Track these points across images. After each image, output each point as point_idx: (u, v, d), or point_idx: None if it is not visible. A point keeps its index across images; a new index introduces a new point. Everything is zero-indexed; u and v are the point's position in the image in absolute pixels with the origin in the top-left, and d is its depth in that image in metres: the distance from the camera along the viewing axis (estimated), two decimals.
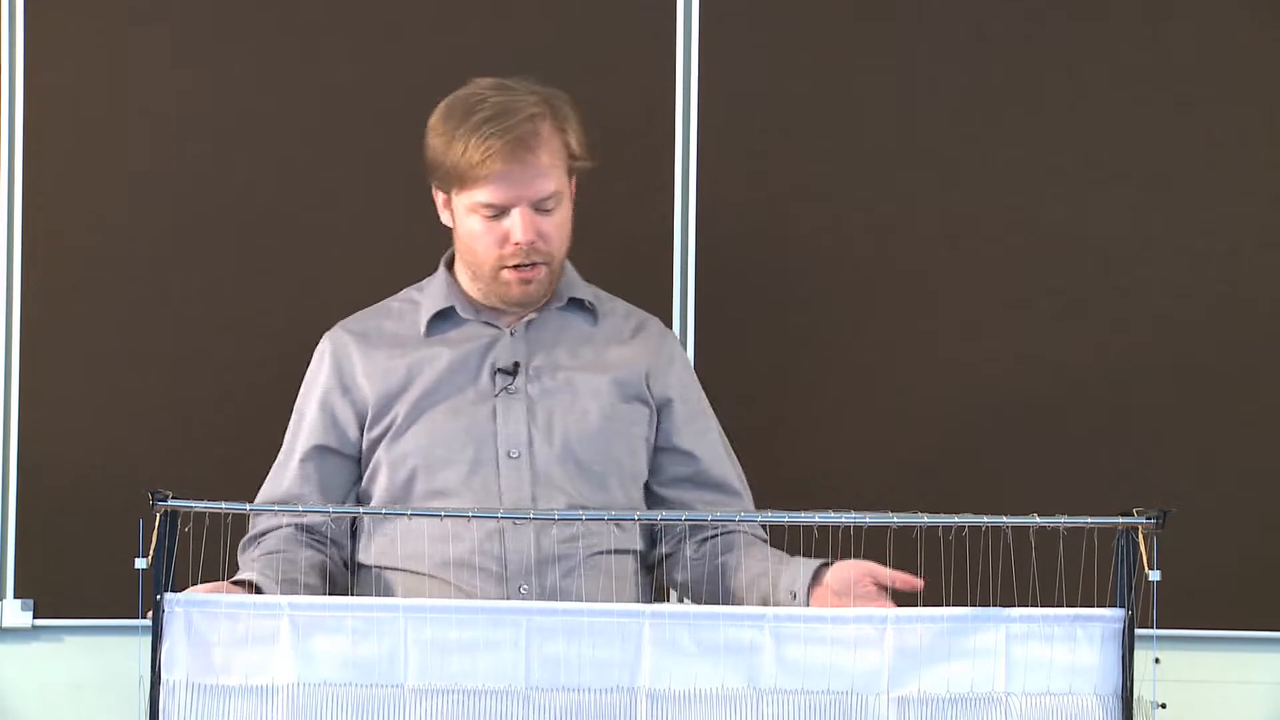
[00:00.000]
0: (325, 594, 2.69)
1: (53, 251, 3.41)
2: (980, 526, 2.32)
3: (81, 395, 3.40)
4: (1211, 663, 3.46)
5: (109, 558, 2.77)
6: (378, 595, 2.75)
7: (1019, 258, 3.46)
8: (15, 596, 3.39)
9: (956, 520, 2.31)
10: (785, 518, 2.36)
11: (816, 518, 2.34)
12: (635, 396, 2.85)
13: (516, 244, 2.74)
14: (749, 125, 3.46)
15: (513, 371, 2.80)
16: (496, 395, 2.79)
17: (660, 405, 2.87)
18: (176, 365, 3.42)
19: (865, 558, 2.46)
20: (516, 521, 2.71)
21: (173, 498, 2.30)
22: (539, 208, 2.73)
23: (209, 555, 2.40)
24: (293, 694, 2.28)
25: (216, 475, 3.33)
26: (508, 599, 2.67)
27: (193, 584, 2.36)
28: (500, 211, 2.73)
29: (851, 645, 2.31)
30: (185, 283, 3.42)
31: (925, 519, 2.31)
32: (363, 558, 2.80)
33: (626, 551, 2.81)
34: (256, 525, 2.80)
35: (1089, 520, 2.32)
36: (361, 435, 2.82)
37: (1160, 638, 2.28)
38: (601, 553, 2.76)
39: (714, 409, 2.93)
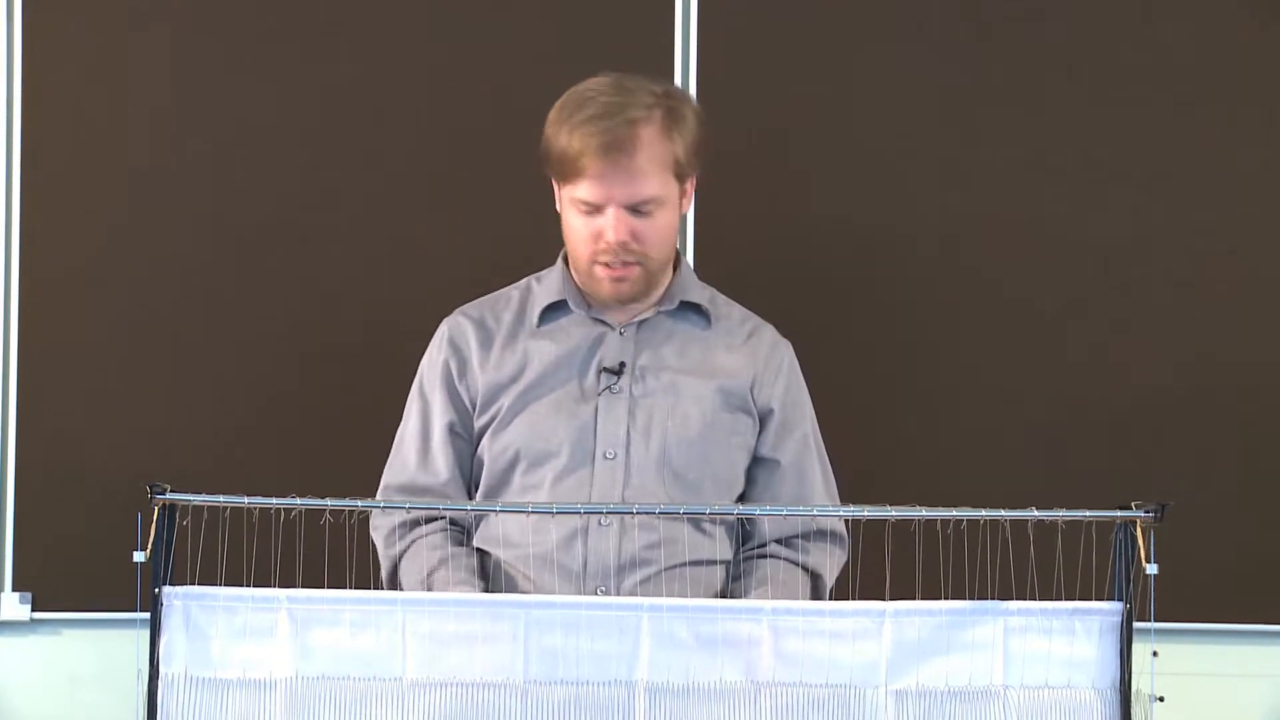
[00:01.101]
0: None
1: (51, 244, 3.41)
2: (978, 520, 2.32)
3: (80, 388, 3.40)
4: (1210, 656, 3.46)
5: (107, 551, 2.76)
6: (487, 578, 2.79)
7: (1019, 256, 3.46)
8: (14, 589, 3.40)
9: (954, 513, 2.31)
10: (784, 511, 2.36)
11: (815, 511, 2.34)
12: (739, 406, 2.84)
13: (609, 243, 2.74)
14: (748, 114, 3.46)
15: (618, 371, 2.80)
16: (600, 394, 2.80)
17: (763, 415, 2.86)
18: (175, 358, 3.42)
19: (863, 551, 2.46)
20: (602, 522, 2.71)
21: (171, 491, 2.30)
22: (635, 209, 2.72)
23: (207, 548, 2.40)
24: (291, 687, 2.28)
25: (215, 469, 3.34)
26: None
27: (191, 578, 2.35)
28: (596, 209, 2.73)
29: (849, 638, 2.31)
30: (184, 276, 3.42)
31: (923, 512, 2.31)
32: (480, 542, 2.82)
33: (713, 563, 2.80)
34: (394, 528, 2.80)
35: (1087, 514, 2.32)
36: (472, 420, 2.84)
37: (1158, 631, 2.28)
38: (686, 563, 2.75)
39: None
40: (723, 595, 2.83)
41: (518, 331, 2.86)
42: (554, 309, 2.87)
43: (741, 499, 2.87)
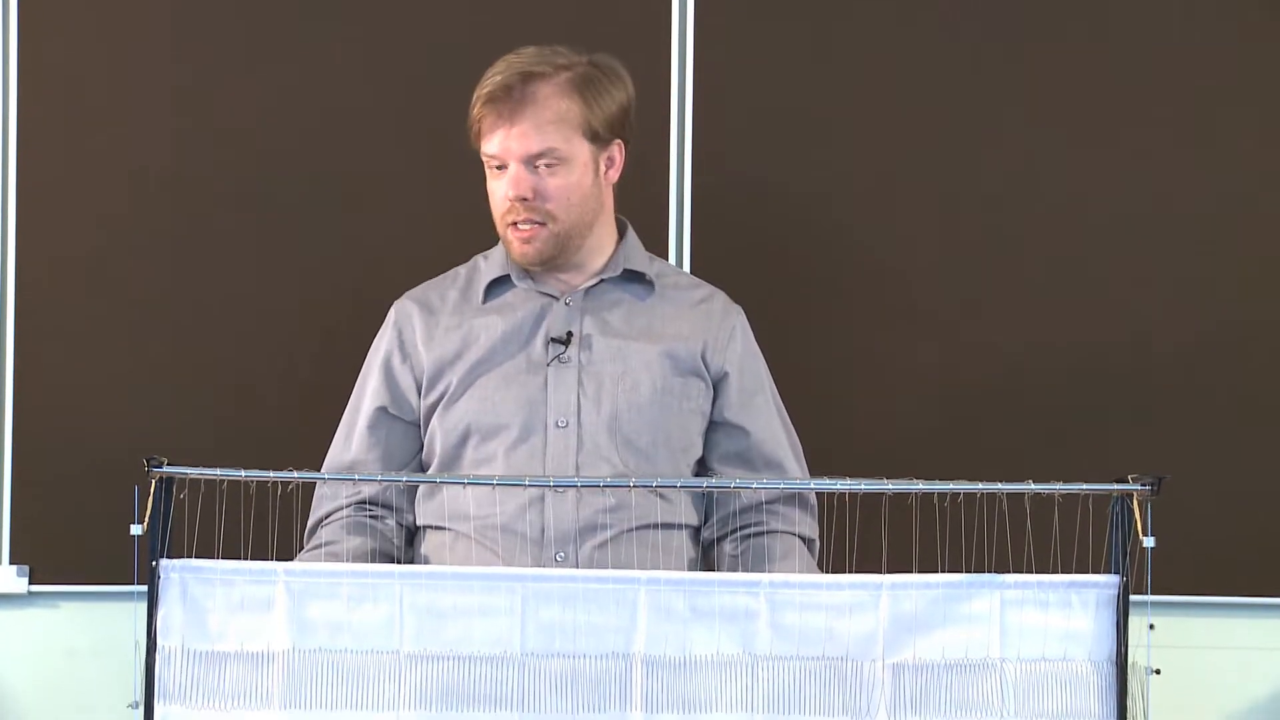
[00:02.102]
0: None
1: (49, 217, 3.40)
2: (975, 493, 2.32)
3: (78, 361, 3.40)
4: (1206, 629, 3.46)
5: (105, 524, 2.76)
6: (424, 555, 2.82)
7: (1015, 233, 3.46)
8: (11, 562, 3.40)
9: (951, 487, 2.32)
10: (781, 484, 2.36)
11: (812, 484, 2.34)
12: (690, 370, 2.85)
13: (509, 198, 2.77)
14: (742, 84, 3.46)
15: (565, 341, 2.81)
16: (549, 364, 2.81)
17: (717, 380, 2.88)
18: (174, 331, 3.41)
19: (860, 525, 2.46)
20: (558, 489, 2.72)
21: (168, 464, 2.30)
22: (534, 165, 2.75)
23: (204, 522, 2.40)
24: (288, 660, 2.28)
25: (214, 442, 3.34)
26: (542, 566, 2.70)
27: (188, 552, 2.35)
28: (502, 166, 2.77)
29: (847, 611, 2.32)
30: (183, 250, 3.42)
31: (920, 485, 2.31)
32: (421, 519, 2.84)
33: (675, 526, 2.81)
34: (317, 510, 2.86)
35: (1084, 487, 2.32)
36: (419, 402, 2.85)
37: (1154, 604, 2.28)
38: (646, 526, 2.76)
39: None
40: (695, 563, 2.86)
41: (463, 308, 2.88)
42: (499, 284, 2.88)
43: (700, 463, 2.88)
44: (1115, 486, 2.31)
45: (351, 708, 2.27)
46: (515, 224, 2.79)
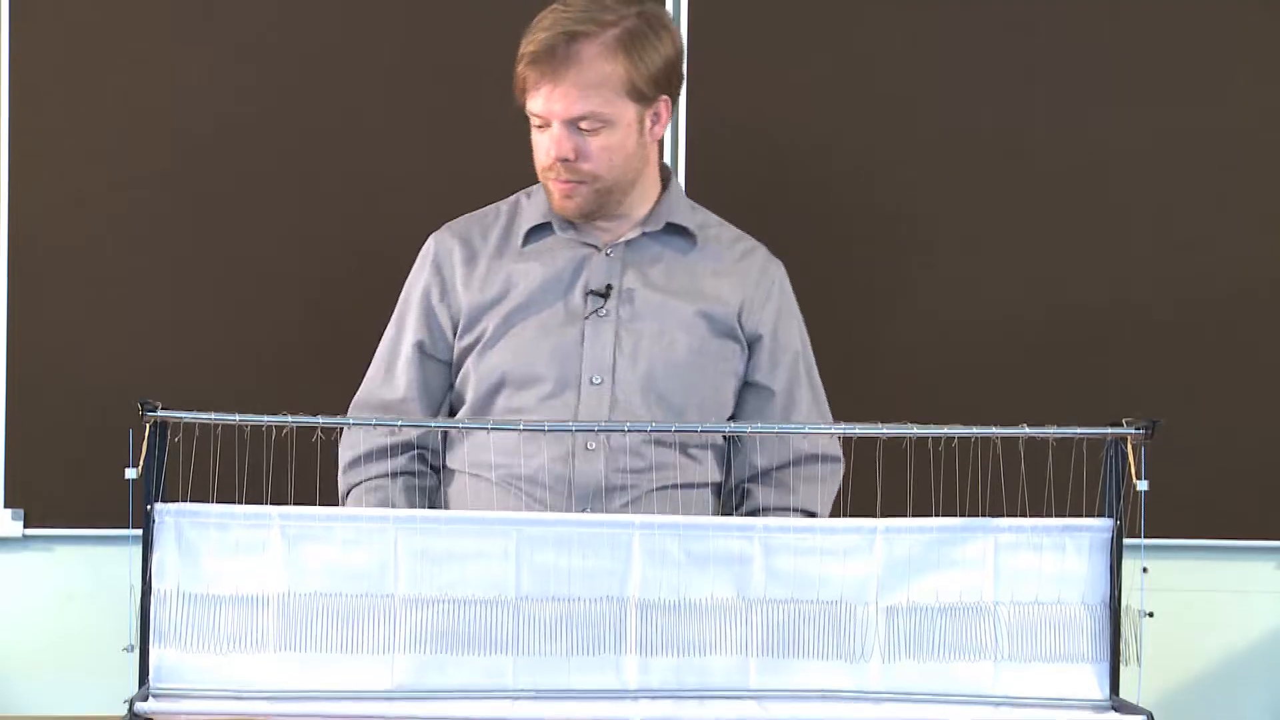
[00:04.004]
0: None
1: (44, 160, 3.39)
2: (970, 437, 2.32)
3: (73, 304, 3.40)
4: (1199, 572, 3.48)
5: (100, 467, 2.77)
6: (449, 497, 2.82)
7: (1014, 180, 3.46)
8: (6, 506, 3.40)
9: (945, 431, 2.32)
10: (775, 429, 2.36)
11: (806, 428, 2.34)
12: (726, 332, 2.83)
13: (552, 159, 2.74)
14: (741, 26, 3.45)
15: (605, 294, 2.79)
16: (587, 318, 2.79)
17: (751, 340, 2.86)
18: (169, 275, 3.41)
19: (855, 469, 2.46)
20: (589, 445, 2.72)
21: (162, 408, 2.30)
22: (577, 126, 2.72)
23: (199, 466, 2.40)
24: (283, 603, 2.28)
25: (209, 386, 3.34)
26: None
27: (183, 495, 2.35)
28: (545, 123, 2.74)
29: (841, 555, 2.32)
30: (181, 194, 3.41)
31: (914, 430, 2.31)
32: (449, 462, 2.83)
33: (700, 485, 2.81)
34: (358, 446, 2.82)
35: (1078, 431, 2.32)
36: (454, 341, 2.84)
37: (1148, 547, 2.29)
38: (672, 486, 2.75)
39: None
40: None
41: (504, 251, 2.85)
42: (539, 230, 2.86)
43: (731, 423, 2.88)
44: (1109, 430, 2.31)
45: (346, 651, 2.28)
46: (556, 179, 2.76)
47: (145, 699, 2.24)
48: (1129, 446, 2.30)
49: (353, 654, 2.28)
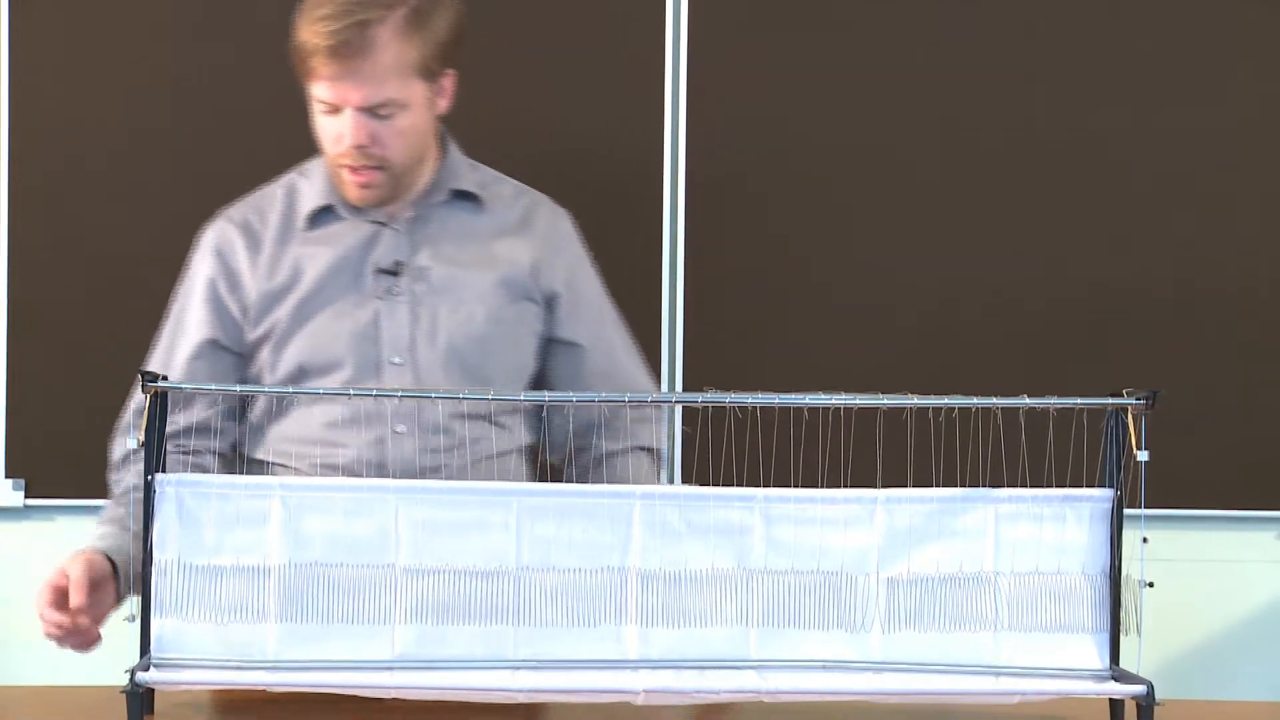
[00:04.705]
0: None
1: (45, 131, 3.39)
2: (970, 408, 2.32)
3: (73, 271, 3.40)
4: (1199, 542, 3.48)
5: (101, 438, 2.77)
6: None
7: (1012, 148, 3.45)
8: (7, 476, 3.41)
9: (946, 401, 2.32)
10: (776, 400, 2.36)
11: (806, 399, 2.34)
12: (523, 295, 2.78)
13: (347, 147, 2.66)
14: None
15: (395, 271, 2.74)
16: (379, 297, 2.73)
17: (548, 299, 2.81)
18: (173, 245, 3.40)
19: (855, 439, 2.46)
20: (398, 429, 2.67)
21: (164, 379, 2.30)
22: (373, 112, 2.64)
23: None
24: (284, 574, 2.28)
25: None
26: None
27: (184, 466, 2.35)
28: (334, 109, 2.65)
29: (841, 525, 2.32)
30: (182, 171, 3.40)
31: (915, 400, 2.32)
32: (256, 453, 2.75)
33: (511, 452, 2.78)
34: (123, 448, 2.75)
35: (1079, 401, 2.32)
36: (244, 332, 2.75)
37: (1148, 517, 2.29)
38: (485, 458, 2.72)
39: (709, 295, 2.90)
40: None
41: (288, 236, 2.76)
42: (322, 212, 2.77)
43: (537, 378, 2.82)
44: (1110, 400, 2.32)
45: (347, 621, 2.28)
46: (351, 166, 2.68)
47: (146, 669, 2.24)
48: (1129, 417, 2.30)
49: (354, 624, 2.28)
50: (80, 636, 2.44)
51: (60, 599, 2.44)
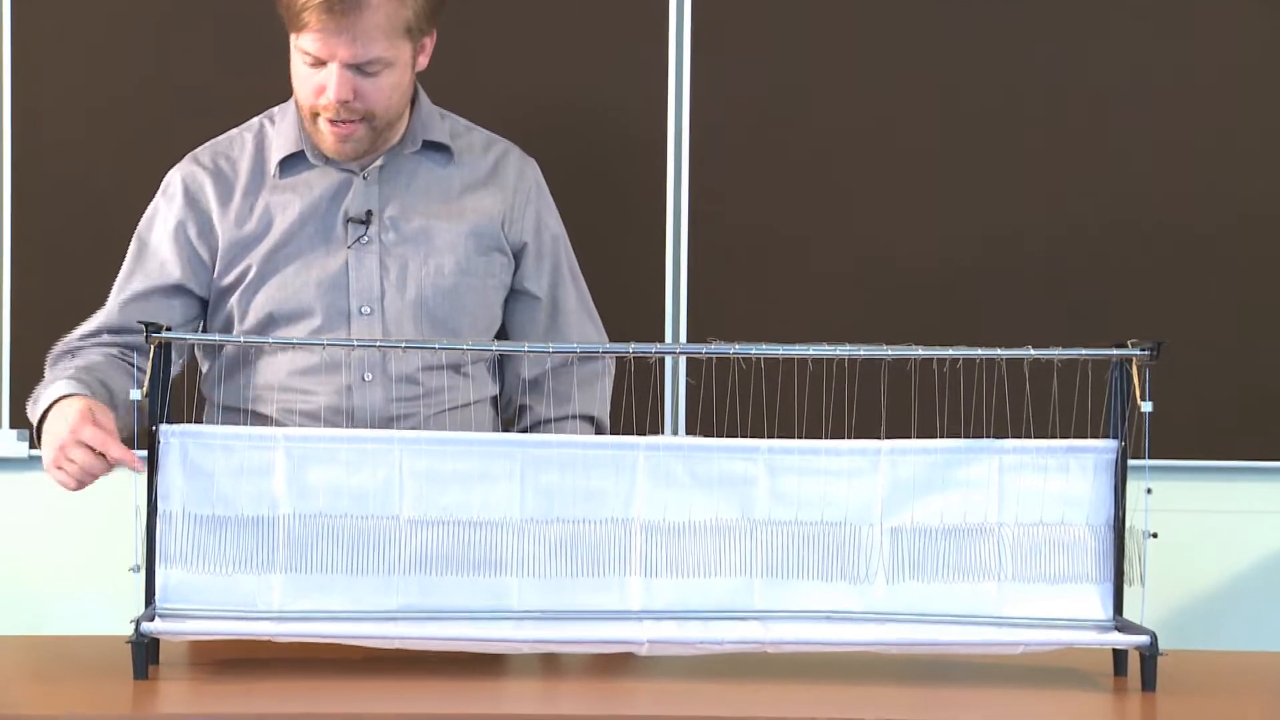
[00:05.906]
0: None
1: (45, 77, 3.38)
2: (975, 359, 2.32)
3: (75, 224, 3.39)
4: (1203, 493, 3.48)
5: None
6: None
7: (1012, 98, 3.44)
8: (10, 427, 3.40)
9: (950, 352, 2.32)
10: (780, 350, 2.36)
11: (811, 350, 2.34)
12: (493, 247, 2.79)
13: (330, 100, 2.65)
14: None
15: (366, 220, 2.74)
16: (350, 247, 2.73)
17: (517, 250, 2.82)
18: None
19: (860, 391, 2.46)
20: (366, 378, 2.68)
21: (167, 329, 2.30)
22: (359, 69, 2.63)
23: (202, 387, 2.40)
24: (289, 524, 2.29)
25: None
26: None
27: (188, 417, 2.35)
28: (320, 62, 2.64)
29: (845, 476, 2.33)
30: (180, 109, 3.39)
31: (919, 351, 2.32)
32: (217, 398, 2.73)
33: (479, 401, 2.79)
34: (71, 337, 2.76)
35: (1083, 352, 2.32)
36: (211, 277, 2.75)
37: (1152, 468, 2.30)
38: (453, 408, 2.73)
39: (713, 247, 2.88)
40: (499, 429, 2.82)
41: (258, 183, 2.76)
42: (292, 159, 2.76)
43: (500, 332, 2.83)
44: (1114, 352, 2.31)
45: (352, 572, 2.29)
46: (331, 119, 2.67)
47: (151, 619, 2.25)
48: (1134, 368, 2.30)
49: (358, 575, 2.29)
50: (132, 464, 2.38)
51: (95, 459, 2.41)
